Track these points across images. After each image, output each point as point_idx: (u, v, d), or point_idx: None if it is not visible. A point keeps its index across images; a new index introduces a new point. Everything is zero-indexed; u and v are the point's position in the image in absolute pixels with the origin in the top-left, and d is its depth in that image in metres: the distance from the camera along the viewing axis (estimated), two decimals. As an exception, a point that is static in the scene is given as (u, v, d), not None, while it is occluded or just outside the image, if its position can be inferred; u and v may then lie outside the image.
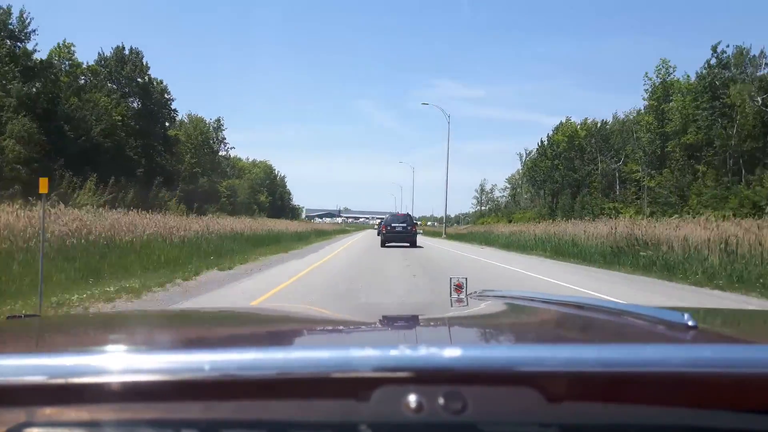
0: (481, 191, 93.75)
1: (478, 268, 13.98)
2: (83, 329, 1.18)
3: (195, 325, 1.29)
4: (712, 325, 1.19)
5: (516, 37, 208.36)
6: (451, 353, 0.64)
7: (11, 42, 27.05)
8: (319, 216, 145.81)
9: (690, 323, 0.84)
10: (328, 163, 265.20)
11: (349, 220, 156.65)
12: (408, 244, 23.35)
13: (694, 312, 0.97)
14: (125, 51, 38.77)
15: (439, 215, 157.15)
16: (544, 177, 55.24)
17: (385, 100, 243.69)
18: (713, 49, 30.71)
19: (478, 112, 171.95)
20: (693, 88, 32.80)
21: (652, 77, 36.97)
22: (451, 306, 1.64)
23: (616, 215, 34.59)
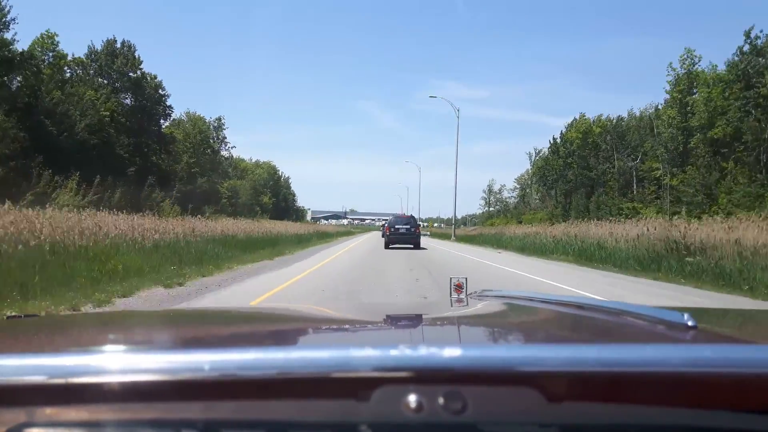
0: (489, 192, 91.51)
1: (503, 279, 11.82)
2: (83, 329, 1.17)
3: (195, 324, 1.28)
4: (712, 325, 1.19)
5: (520, 38, 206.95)
6: (451, 353, 0.64)
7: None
8: (324, 218, 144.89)
9: (690, 323, 0.84)
10: (335, 165, 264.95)
11: (355, 222, 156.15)
12: (412, 246, 23.63)
13: (694, 312, 0.96)
14: (117, 44, 36.88)
15: (446, 216, 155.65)
16: (556, 176, 52.87)
17: (389, 102, 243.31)
18: (746, 35, 28.16)
19: (482, 113, 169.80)
20: (722, 77, 30.43)
21: (675, 68, 34.57)
22: (451, 306, 1.63)
23: (635, 215, 32.56)
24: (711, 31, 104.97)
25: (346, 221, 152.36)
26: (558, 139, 53.32)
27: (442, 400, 0.61)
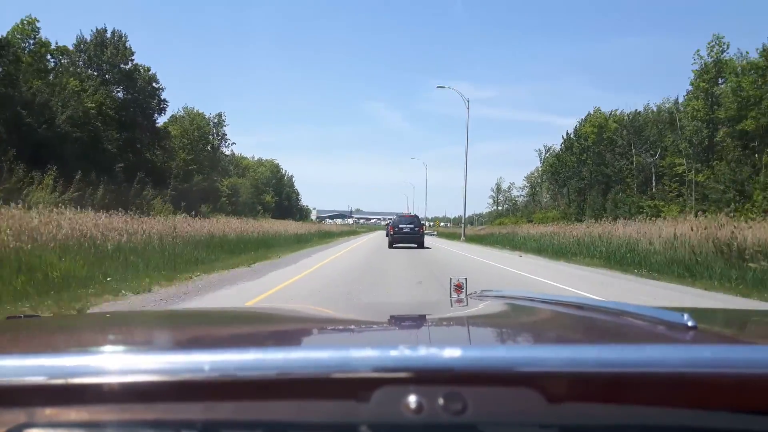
0: (498, 190, 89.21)
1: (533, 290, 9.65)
2: (83, 329, 1.17)
3: (195, 325, 1.28)
4: (711, 326, 1.18)
5: (525, 37, 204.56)
6: (451, 353, 0.64)
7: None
8: (330, 217, 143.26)
9: (690, 323, 0.84)
10: (341, 165, 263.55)
11: (360, 221, 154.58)
12: (416, 245, 23.77)
13: (694, 312, 0.95)
14: (107, 34, 34.93)
15: (452, 216, 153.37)
16: (569, 173, 50.53)
17: (395, 102, 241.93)
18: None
19: (488, 113, 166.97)
20: (756, 64, 28.11)
21: (703, 56, 32.20)
22: (451, 306, 1.62)
23: (657, 214, 30.31)
24: (712, 31, 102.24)
25: (351, 221, 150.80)
26: (572, 135, 50.95)
27: (442, 401, 0.61)
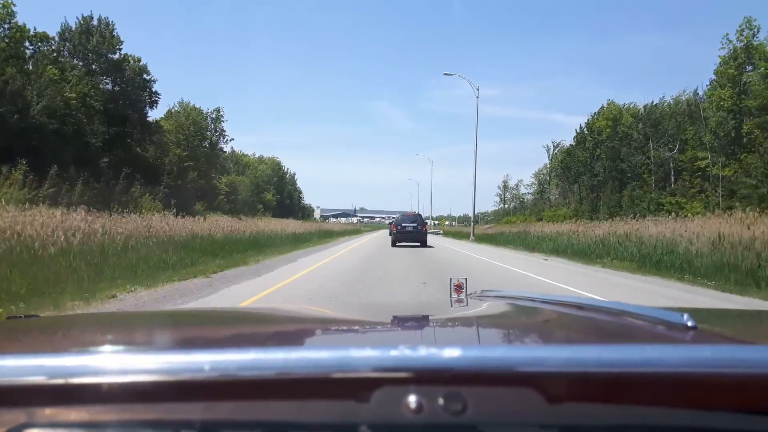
0: (504, 188, 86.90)
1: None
2: (83, 329, 1.16)
3: (195, 325, 1.28)
4: (711, 326, 1.18)
5: (529, 35, 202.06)
6: (451, 354, 0.64)
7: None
8: (334, 216, 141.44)
9: (689, 323, 0.84)
10: (345, 164, 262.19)
11: (364, 220, 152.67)
12: (419, 244, 23.64)
13: (694, 312, 0.95)
14: (93, 21, 32.94)
15: (457, 214, 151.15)
16: (581, 169, 48.25)
17: (400, 101, 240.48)
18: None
19: (493, 111, 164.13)
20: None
21: (732, 40, 29.88)
22: (451, 306, 1.62)
23: (679, 212, 28.11)
24: (716, 30, 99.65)
25: (355, 219, 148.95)
26: (584, 129, 48.65)
27: (442, 401, 0.61)
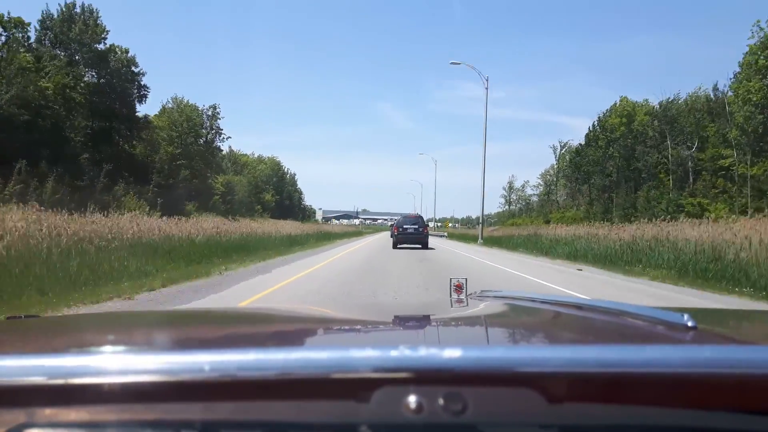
0: (510, 189, 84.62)
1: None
2: (83, 330, 1.16)
3: (195, 325, 1.28)
4: (711, 326, 1.18)
5: (533, 37, 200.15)
6: (451, 354, 0.64)
7: None
8: (336, 217, 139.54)
9: (689, 324, 0.84)
10: (347, 165, 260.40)
11: (366, 222, 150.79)
12: (420, 246, 23.64)
13: (694, 312, 0.95)
14: (76, 8, 30.90)
15: (460, 216, 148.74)
16: (593, 169, 46.05)
17: (403, 102, 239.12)
18: None
19: (497, 114, 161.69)
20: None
21: (763, 27, 27.58)
22: (451, 306, 1.62)
23: (701, 214, 25.96)
24: (721, 30, 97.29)
25: (357, 221, 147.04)
26: (596, 126, 46.44)
27: (442, 401, 0.61)
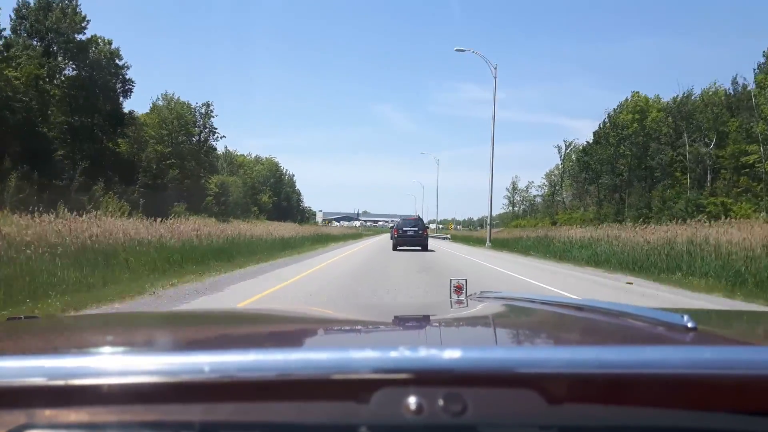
0: (513, 190, 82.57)
1: None
2: (83, 330, 1.16)
3: (195, 326, 1.28)
4: (711, 327, 1.17)
5: (534, 39, 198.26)
6: (451, 355, 0.64)
7: None
8: (336, 219, 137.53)
9: (689, 325, 0.84)
10: (348, 167, 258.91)
11: (367, 224, 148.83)
12: (420, 248, 23.45)
13: (694, 313, 0.95)
14: (54, -4, 28.86)
15: (461, 218, 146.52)
16: (602, 168, 43.93)
17: (404, 104, 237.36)
18: None
19: (499, 115, 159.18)
20: None
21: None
22: (451, 307, 1.61)
23: (725, 214, 23.89)
24: (723, 30, 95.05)
25: (358, 223, 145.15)
26: (607, 123, 44.32)
27: (442, 402, 0.61)
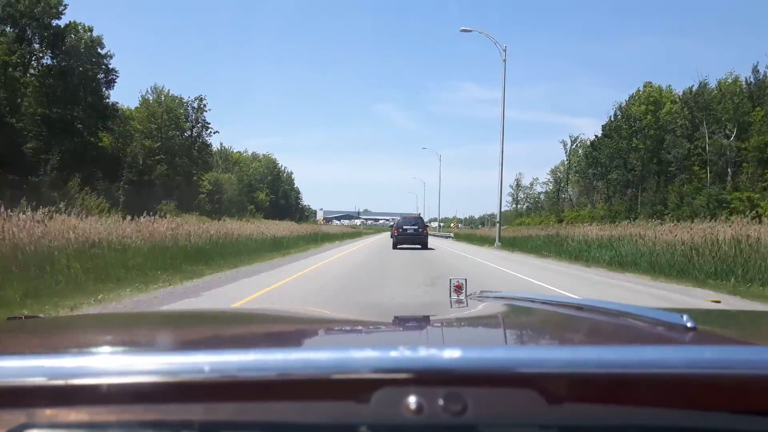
0: (517, 187, 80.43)
1: None
2: (83, 330, 1.17)
3: (195, 326, 1.28)
4: (711, 326, 1.18)
5: (535, 37, 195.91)
6: (451, 354, 0.64)
7: None
8: (337, 218, 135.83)
9: (689, 324, 0.84)
10: (349, 166, 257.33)
11: (368, 222, 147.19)
12: (419, 246, 23.63)
13: (694, 313, 0.96)
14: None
15: (463, 216, 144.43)
16: (613, 163, 41.83)
17: (406, 103, 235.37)
18: None
19: (498, 114, 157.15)
20: None
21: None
22: (451, 307, 1.61)
23: (751, 210, 21.81)
24: (724, 30, 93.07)
25: (358, 221, 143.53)
26: (618, 115, 42.19)
27: (442, 402, 0.61)
